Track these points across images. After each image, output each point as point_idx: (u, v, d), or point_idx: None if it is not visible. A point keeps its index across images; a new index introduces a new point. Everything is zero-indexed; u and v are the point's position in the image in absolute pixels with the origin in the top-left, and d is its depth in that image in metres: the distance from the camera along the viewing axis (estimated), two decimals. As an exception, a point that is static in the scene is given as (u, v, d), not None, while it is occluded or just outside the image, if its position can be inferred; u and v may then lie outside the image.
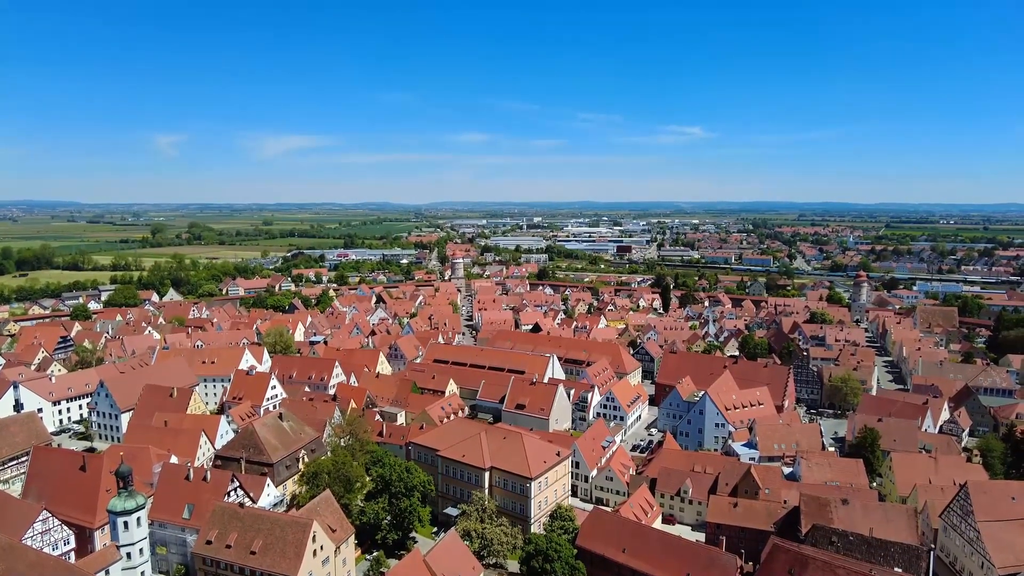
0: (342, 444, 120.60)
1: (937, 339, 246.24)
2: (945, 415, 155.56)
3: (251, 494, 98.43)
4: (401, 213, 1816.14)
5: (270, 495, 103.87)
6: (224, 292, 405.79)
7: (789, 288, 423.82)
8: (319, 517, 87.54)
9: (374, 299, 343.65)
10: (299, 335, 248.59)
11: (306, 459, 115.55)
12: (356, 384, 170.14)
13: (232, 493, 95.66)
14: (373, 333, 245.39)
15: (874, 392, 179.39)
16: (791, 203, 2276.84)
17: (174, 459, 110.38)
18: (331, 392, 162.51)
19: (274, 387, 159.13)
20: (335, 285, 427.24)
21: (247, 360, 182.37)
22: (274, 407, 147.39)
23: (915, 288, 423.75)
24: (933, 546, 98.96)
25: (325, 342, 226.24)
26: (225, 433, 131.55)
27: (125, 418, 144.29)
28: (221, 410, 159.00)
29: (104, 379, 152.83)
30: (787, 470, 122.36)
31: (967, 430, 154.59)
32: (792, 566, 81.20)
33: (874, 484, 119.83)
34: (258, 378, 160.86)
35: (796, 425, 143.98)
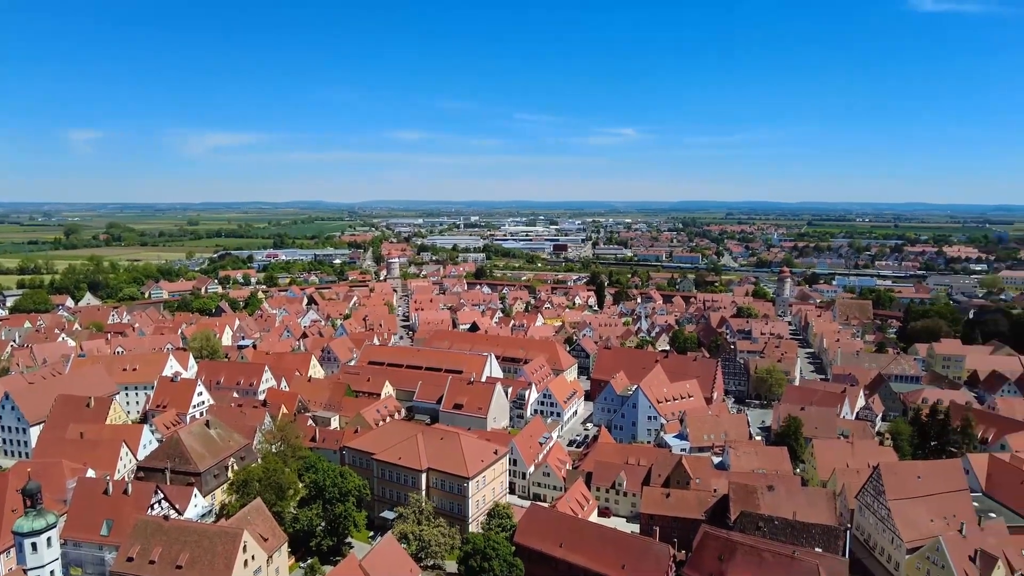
0: (273, 451, 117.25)
1: (854, 331, 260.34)
2: (861, 402, 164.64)
3: (177, 506, 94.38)
4: (334, 212, 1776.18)
5: (197, 506, 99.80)
6: (147, 295, 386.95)
7: (717, 284, 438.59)
8: (250, 526, 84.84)
9: (306, 301, 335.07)
10: (227, 339, 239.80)
11: (235, 467, 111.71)
12: (287, 389, 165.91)
13: (156, 506, 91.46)
14: (305, 336, 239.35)
15: (797, 382, 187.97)
16: (719, 202, 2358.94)
17: (91, 473, 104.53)
18: (261, 397, 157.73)
19: (201, 394, 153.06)
20: (264, 287, 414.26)
21: (172, 366, 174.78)
22: (201, 414, 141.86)
23: (834, 283, 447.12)
24: (850, 525, 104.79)
25: (254, 346, 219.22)
26: (148, 443, 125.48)
27: (35, 432, 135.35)
28: (144, 419, 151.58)
29: (9, 390, 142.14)
30: (716, 459, 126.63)
31: (880, 415, 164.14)
32: (722, 552, 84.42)
33: (797, 470, 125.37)
34: (183, 385, 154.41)
35: (724, 416, 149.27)
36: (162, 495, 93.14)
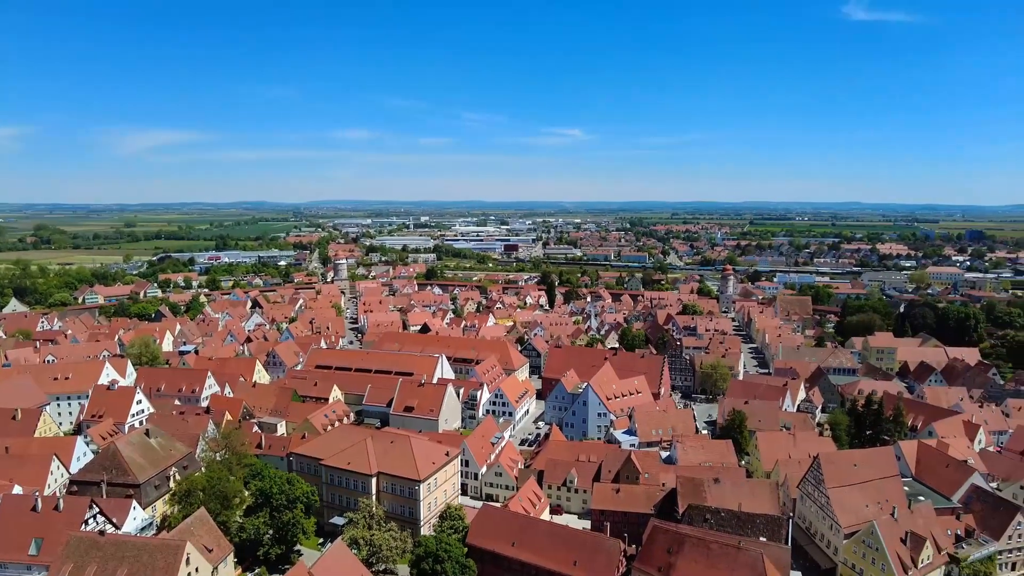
0: (218, 459, 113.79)
1: (794, 326, 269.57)
2: (802, 395, 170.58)
3: (114, 520, 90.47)
4: (279, 212, 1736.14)
5: (137, 519, 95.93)
6: (80, 301, 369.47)
7: (663, 282, 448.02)
8: (193, 537, 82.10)
9: (250, 304, 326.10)
10: (167, 345, 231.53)
11: (178, 477, 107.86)
12: (232, 395, 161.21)
13: (91, 521, 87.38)
14: (249, 340, 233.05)
15: (741, 377, 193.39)
16: (665, 202, 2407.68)
17: (18, 489, 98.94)
18: (204, 404, 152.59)
19: (140, 402, 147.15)
20: (207, 290, 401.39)
21: (108, 374, 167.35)
22: (140, 423, 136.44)
23: (775, 280, 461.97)
24: (792, 514, 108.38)
25: (196, 351, 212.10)
26: (83, 455, 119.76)
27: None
28: (78, 430, 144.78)
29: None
30: (664, 454, 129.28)
31: (820, 407, 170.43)
32: (671, 545, 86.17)
33: (742, 462, 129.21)
34: (121, 393, 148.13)
35: (672, 411, 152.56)
36: (97, 509, 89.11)
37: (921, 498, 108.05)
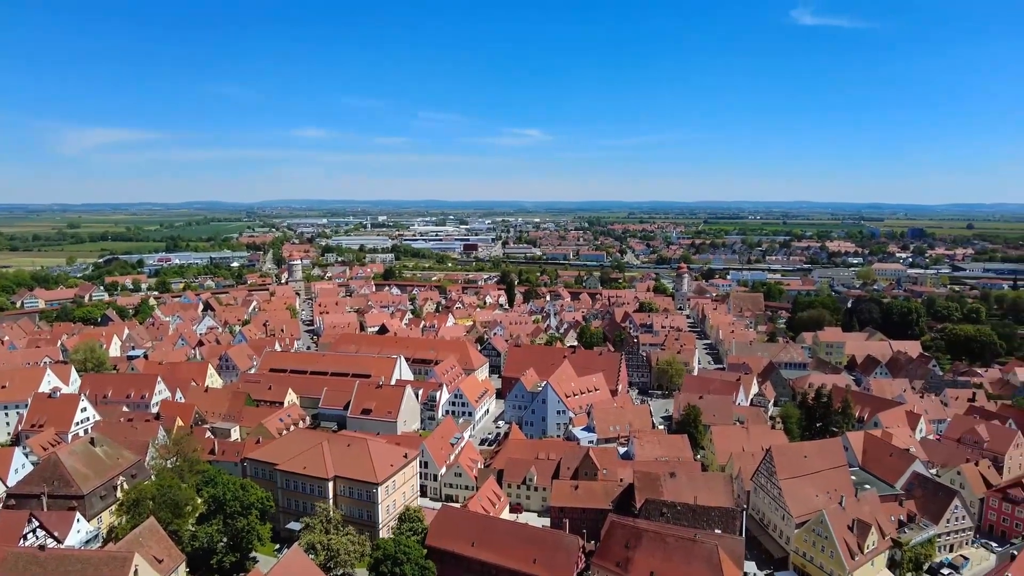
0: (169, 466, 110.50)
1: (747, 322, 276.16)
2: (755, 389, 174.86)
3: (55, 533, 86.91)
4: (231, 212, 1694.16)
5: (81, 531, 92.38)
6: (19, 305, 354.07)
7: (621, 281, 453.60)
8: (142, 548, 79.59)
9: (201, 306, 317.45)
10: (115, 350, 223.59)
11: (125, 486, 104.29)
12: (183, 400, 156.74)
13: (30, 536, 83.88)
14: (201, 344, 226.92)
15: (696, 372, 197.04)
16: (622, 202, 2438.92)
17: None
18: (154, 411, 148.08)
19: (84, 409, 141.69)
20: (156, 293, 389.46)
21: (49, 381, 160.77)
22: (85, 432, 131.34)
23: (729, 277, 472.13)
24: (746, 506, 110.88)
25: (146, 356, 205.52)
26: (21, 467, 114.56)
27: None
28: (16, 441, 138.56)
29: None
30: (622, 450, 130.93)
31: (772, 401, 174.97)
32: (628, 540, 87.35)
33: (698, 456, 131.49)
34: (64, 401, 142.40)
35: (629, 407, 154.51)
36: (37, 523, 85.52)
37: (867, 486, 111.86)
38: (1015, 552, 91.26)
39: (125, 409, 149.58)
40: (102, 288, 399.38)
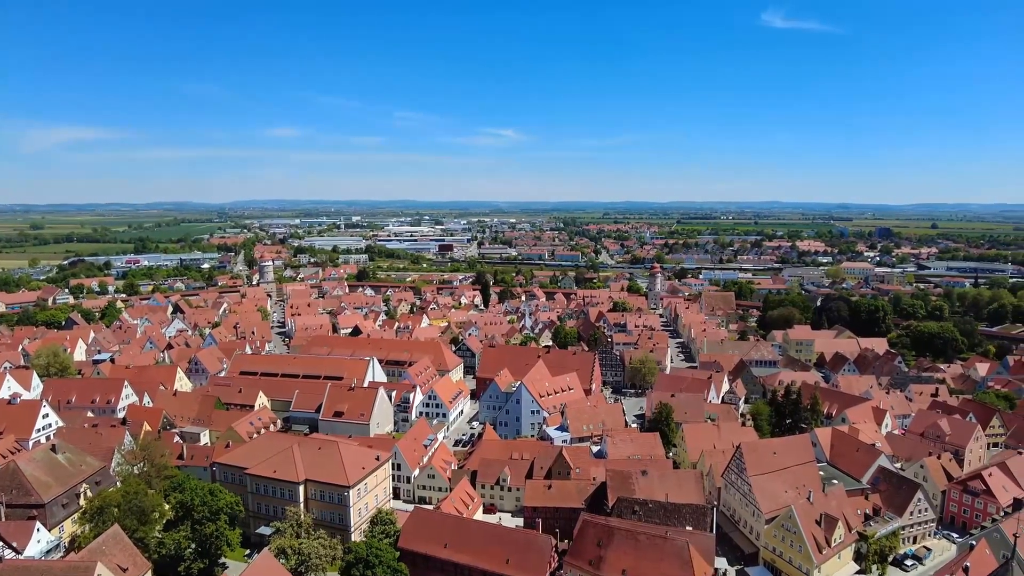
0: (136, 472, 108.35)
1: (719, 321, 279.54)
2: (726, 387, 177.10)
3: (14, 544, 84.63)
4: (202, 213, 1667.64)
5: (41, 541, 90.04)
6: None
7: (595, 281, 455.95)
8: (105, 557, 77.87)
9: (170, 309, 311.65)
10: (80, 354, 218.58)
11: (89, 493, 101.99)
12: (151, 404, 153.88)
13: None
14: (170, 347, 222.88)
15: (668, 371, 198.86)
16: (597, 202, 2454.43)
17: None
18: (121, 416, 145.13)
19: (47, 416, 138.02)
20: (124, 295, 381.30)
21: (9, 387, 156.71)
22: (48, 439, 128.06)
23: (701, 276, 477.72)
24: (716, 503, 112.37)
25: (112, 360, 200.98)
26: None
27: None
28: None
29: None
30: (595, 448, 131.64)
31: (743, 398, 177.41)
32: (600, 538, 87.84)
33: (670, 454, 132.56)
34: (24, 407, 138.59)
35: (602, 406, 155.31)
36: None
37: (835, 481, 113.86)
38: (974, 542, 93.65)
39: (90, 415, 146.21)
40: (67, 291, 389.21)
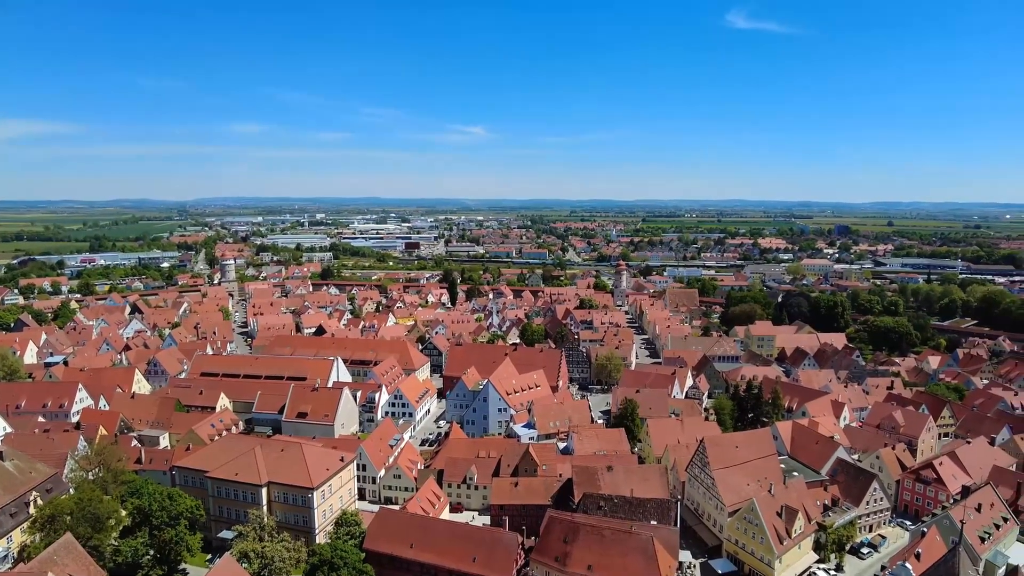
0: (90, 478, 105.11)
1: (683, 317, 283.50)
2: (689, 382, 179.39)
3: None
4: (162, 211, 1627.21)
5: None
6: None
7: (562, 278, 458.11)
8: (56, 566, 75.17)
9: (128, 309, 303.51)
10: (30, 356, 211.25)
11: (40, 501, 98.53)
12: (107, 408, 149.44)
13: (-68, 556, 78.28)
14: (128, 348, 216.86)
15: (633, 367, 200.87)
16: (565, 201, 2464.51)
17: None
18: (74, 420, 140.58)
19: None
20: (78, 295, 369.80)
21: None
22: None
23: (665, 274, 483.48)
24: (681, 497, 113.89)
25: (66, 362, 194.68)
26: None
27: None
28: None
29: None
30: (562, 445, 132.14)
31: (706, 393, 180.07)
32: (566, 534, 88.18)
33: (635, 449, 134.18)
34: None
35: (568, 403, 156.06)
36: (-59, 543, 79.93)
37: (795, 474, 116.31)
38: (925, 529, 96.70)
39: (41, 420, 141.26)
40: (16, 291, 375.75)
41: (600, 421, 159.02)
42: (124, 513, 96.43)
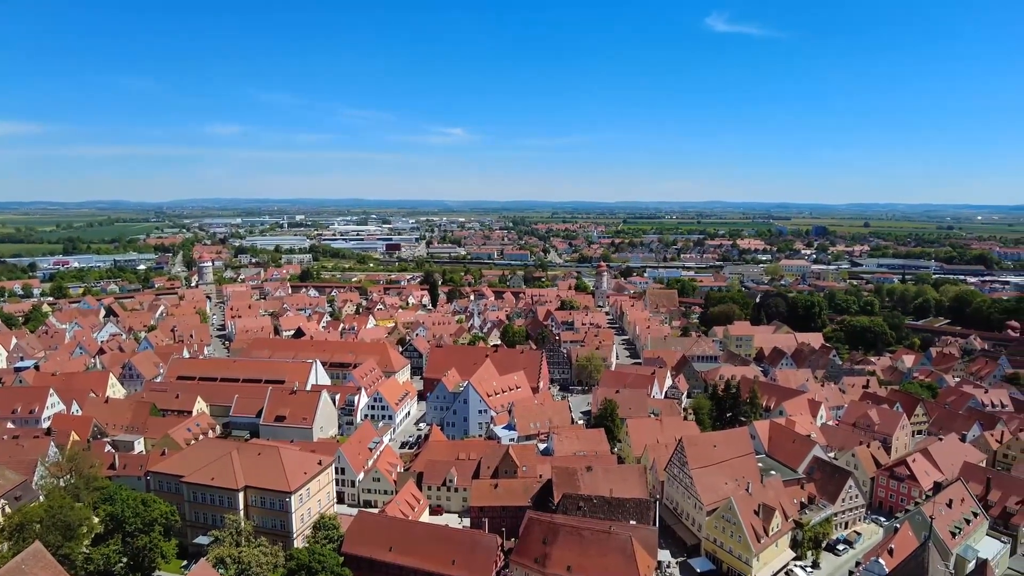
0: (61, 485, 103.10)
1: (663, 317, 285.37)
2: (669, 382, 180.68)
3: (-75, 564, 79.32)
4: (138, 212, 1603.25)
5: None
6: None
7: (544, 280, 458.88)
8: (25, 576, 73.60)
9: (103, 312, 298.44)
10: (0, 361, 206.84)
11: (8, 509, 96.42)
12: (80, 413, 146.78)
13: None
14: (102, 352, 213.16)
15: (613, 367, 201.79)
16: (546, 202, 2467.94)
17: None
18: (45, 426, 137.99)
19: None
20: (51, 298, 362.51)
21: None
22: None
23: (646, 275, 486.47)
24: (660, 496, 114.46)
25: (37, 367, 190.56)
26: None
27: None
28: None
29: None
30: (542, 446, 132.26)
31: (685, 393, 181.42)
32: (545, 535, 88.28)
33: (615, 449, 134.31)
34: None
35: (549, 404, 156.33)
36: (-95, 553, 77.85)
37: (772, 472, 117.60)
38: (898, 525, 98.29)
39: (10, 425, 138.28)
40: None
41: (580, 422, 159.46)
42: (96, 520, 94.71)
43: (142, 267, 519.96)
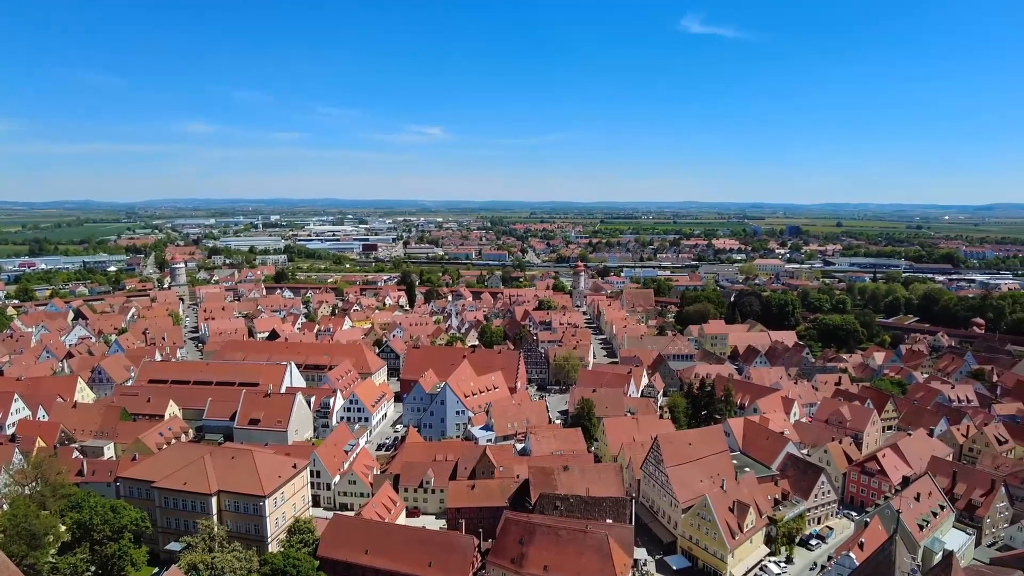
0: (27, 492, 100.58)
1: (639, 317, 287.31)
2: (645, 381, 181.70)
3: None
4: (108, 212, 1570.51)
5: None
6: None
7: (522, 280, 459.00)
8: (-11, 586, 71.85)
9: (71, 315, 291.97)
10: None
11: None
12: (47, 418, 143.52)
13: None
14: (70, 356, 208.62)
15: (591, 367, 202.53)
16: (524, 202, 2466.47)
17: None
18: (9, 432, 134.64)
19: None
20: (16, 301, 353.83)
21: None
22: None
23: (623, 274, 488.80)
24: (636, 495, 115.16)
25: (0, 372, 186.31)
26: None
27: None
28: None
29: None
30: (519, 446, 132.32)
31: (661, 391, 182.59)
32: (522, 536, 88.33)
33: (592, 448, 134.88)
34: None
35: (526, 404, 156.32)
36: None
37: (747, 469, 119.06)
38: (868, 520, 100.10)
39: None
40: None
41: (558, 421, 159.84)
42: (63, 528, 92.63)
43: (112, 269, 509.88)
